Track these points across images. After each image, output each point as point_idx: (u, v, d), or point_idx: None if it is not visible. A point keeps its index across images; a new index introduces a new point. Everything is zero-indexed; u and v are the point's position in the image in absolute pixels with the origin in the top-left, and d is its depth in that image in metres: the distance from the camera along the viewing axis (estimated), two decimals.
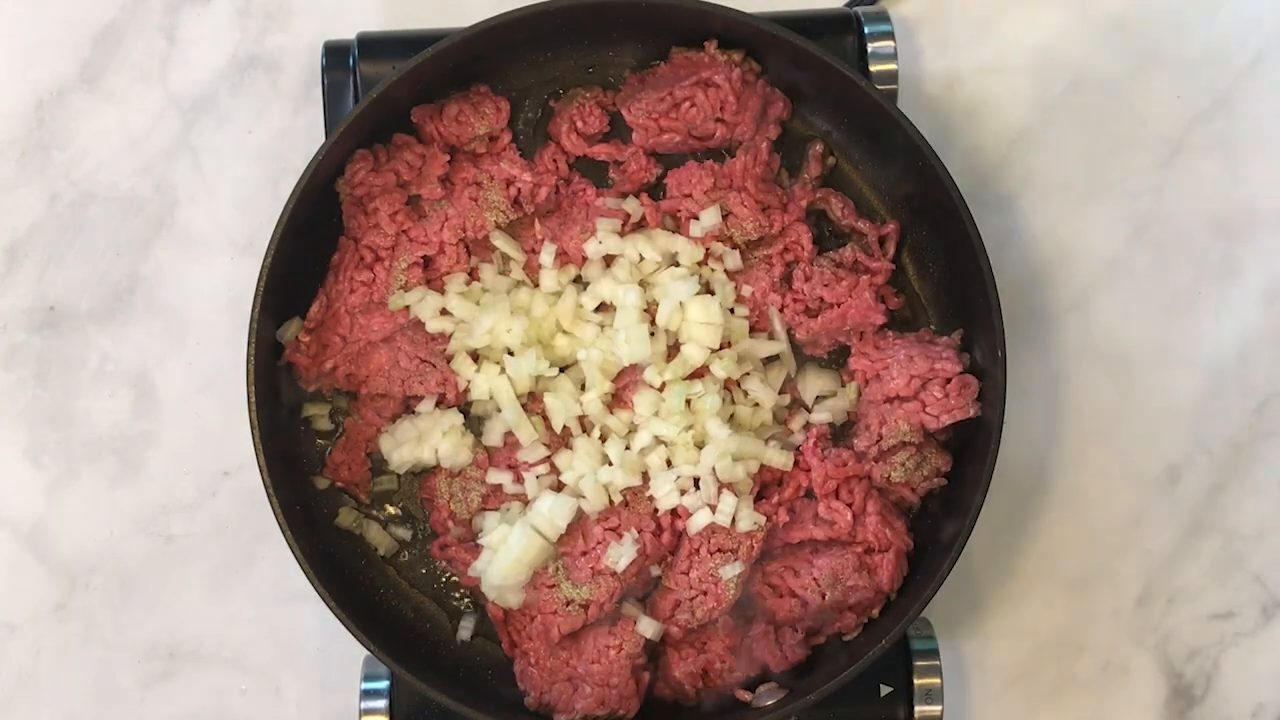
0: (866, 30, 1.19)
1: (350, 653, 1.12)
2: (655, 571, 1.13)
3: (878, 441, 1.13)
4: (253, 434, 1.07)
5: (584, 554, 1.11)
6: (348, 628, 1.06)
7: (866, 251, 1.17)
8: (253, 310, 1.08)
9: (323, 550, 1.12)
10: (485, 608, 1.14)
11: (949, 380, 1.12)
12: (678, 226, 1.17)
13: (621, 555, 1.10)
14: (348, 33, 1.19)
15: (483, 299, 1.15)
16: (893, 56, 1.19)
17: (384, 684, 1.12)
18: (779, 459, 1.13)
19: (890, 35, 1.19)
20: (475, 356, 1.16)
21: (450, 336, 1.15)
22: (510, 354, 1.14)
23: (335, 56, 1.18)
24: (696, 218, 1.16)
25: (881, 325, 1.15)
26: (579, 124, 1.18)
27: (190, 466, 1.23)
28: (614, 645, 1.11)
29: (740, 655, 1.13)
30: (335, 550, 1.15)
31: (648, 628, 1.12)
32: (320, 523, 1.15)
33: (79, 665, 1.21)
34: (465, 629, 1.16)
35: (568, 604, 1.10)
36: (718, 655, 1.13)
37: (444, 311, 1.15)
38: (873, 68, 1.19)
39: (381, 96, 1.10)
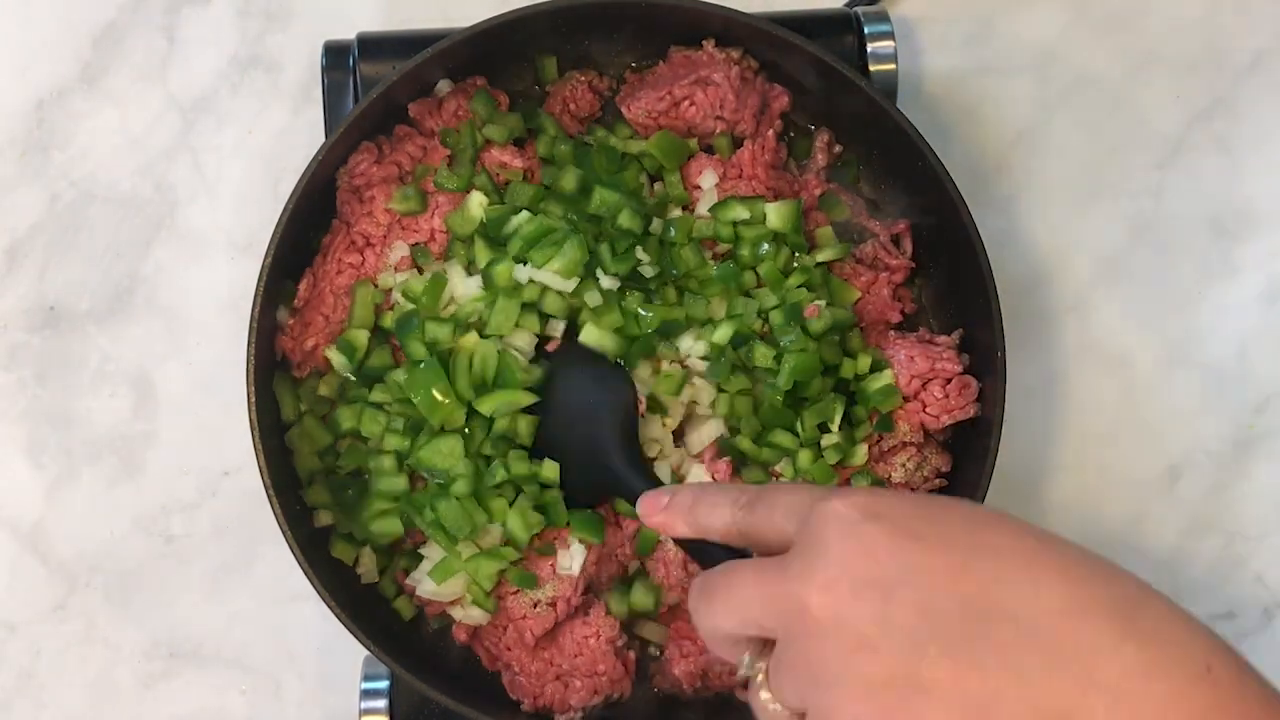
0: (866, 30, 1.19)
1: (350, 653, 1.11)
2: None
3: (878, 441, 1.13)
4: (253, 434, 1.07)
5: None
6: (348, 628, 1.06)
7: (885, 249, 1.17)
8: (253, 310, 1.08)
9: (323, 550, 1.12)
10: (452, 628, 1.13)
11: (949, 380, 1.12)
12: None
13: (573, 560, 1.09)
14: (348, 33, 1.19)
15: None
16: (893, 56, 1.19)
17: (384, 684, 1.12)
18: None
19: (890, 35, 1.19)
20: None
21: None
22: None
23: (335, 56, 1.18)
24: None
25: (896, 324, 1.15)
26: (571, 106, 1.18)
27: (190, 466, 1.23)
28: (590, 634, 1.10)
29: None
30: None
31: (618, 604, 1.11)
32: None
33: (79, 665, 1.21)
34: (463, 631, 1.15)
35: (535, 606, 1.09)
36: (717, 658, 1.12)
37: None
38: (873, 68, 1.19)
39: (381, 96, 1.10)
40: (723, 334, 1.09)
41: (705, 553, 0.87)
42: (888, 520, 0.73)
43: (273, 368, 1.12)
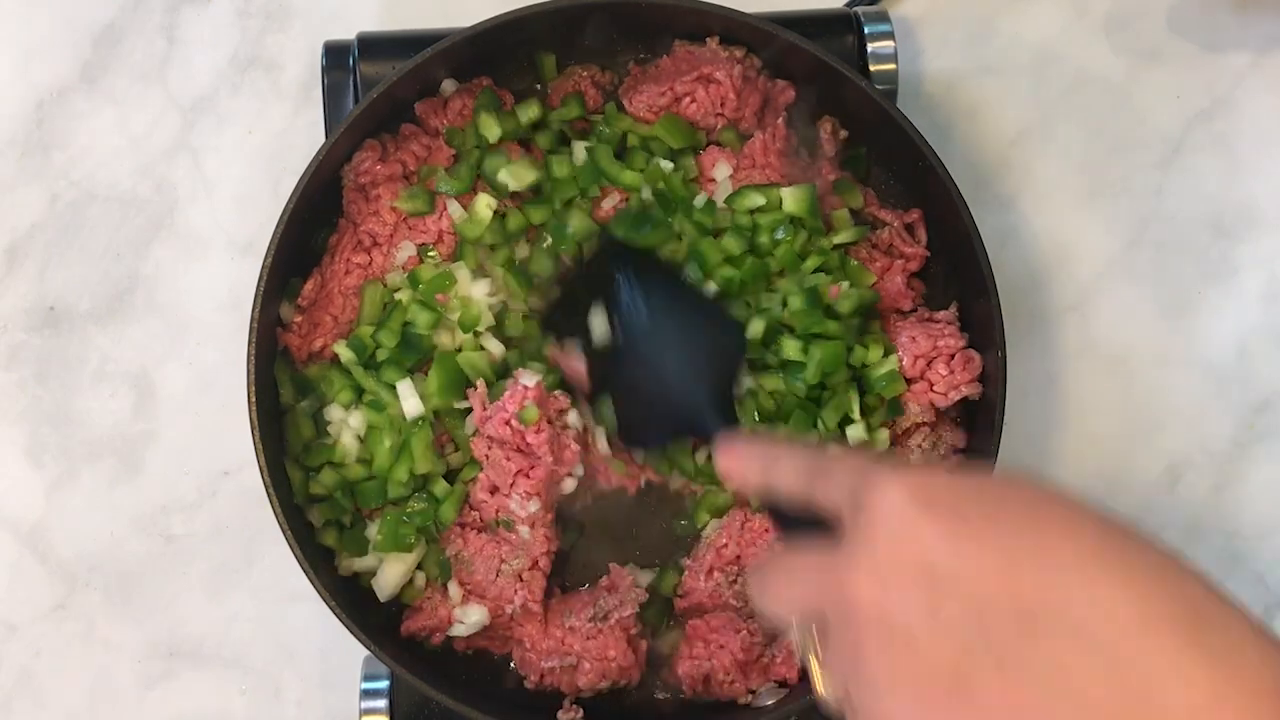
0: (866, 30, 1.19)
1: (350, 653, 1.11)
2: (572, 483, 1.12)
3: (891, 425, 1.13)
4: (253, 434, 1.07)
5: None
6: (348, 627, 1.06)
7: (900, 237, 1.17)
8: (253, 310, 1.08)
9: (323, 550, 1.12)
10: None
11: (953, 356, 1.12)
12: None
13: (525, 506, 1.08)
14: (348, 33, 1.19)
15: None
16: (893, 56, 1.19)
17: (384, 684, 1.12)
18: None
19: (890, 35, 1.19)
20: None
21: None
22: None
23: (335, 56, 1.18)
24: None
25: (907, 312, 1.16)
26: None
27: (190, 466, 1.23)
28: None
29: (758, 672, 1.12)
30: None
31: (644, 578, 1.12)
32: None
33: (79, 665, 1.21)
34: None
35: (520, 578, 1.09)
36: (723, 666, 1.11)
37: None
38: (873, 68, 1.19)
39: (382, 96, 1.10)
40: (755, 329, 1.10)
41: (782, 518, 0.84)
42: (940, 507, 0.68)
43: (272, 362, 1.12)
